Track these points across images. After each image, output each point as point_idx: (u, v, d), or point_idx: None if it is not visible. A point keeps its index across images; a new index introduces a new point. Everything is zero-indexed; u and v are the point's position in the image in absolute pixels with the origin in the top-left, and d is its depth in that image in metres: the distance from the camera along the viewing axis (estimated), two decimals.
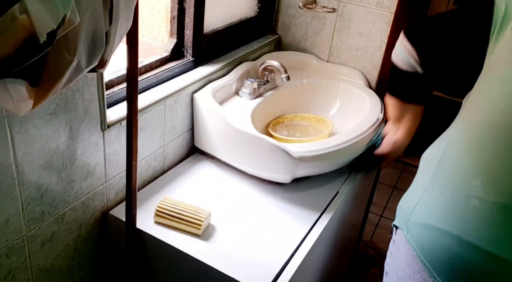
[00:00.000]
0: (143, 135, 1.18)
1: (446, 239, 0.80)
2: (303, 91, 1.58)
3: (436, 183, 0.85)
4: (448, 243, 0.80)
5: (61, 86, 0.66)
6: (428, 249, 0.84)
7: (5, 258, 0.93)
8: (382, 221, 2.50)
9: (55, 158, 0.95)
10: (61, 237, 1.05)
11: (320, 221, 1.17)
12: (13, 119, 0.82)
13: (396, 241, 0.96)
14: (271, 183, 1.29)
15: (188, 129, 1.36)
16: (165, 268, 1.12)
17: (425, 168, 0.92)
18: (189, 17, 1.29)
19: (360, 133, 1.27)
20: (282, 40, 1.75)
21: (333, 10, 1.60)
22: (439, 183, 0.84)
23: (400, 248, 0.93)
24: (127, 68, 0.90)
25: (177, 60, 1.32)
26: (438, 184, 0.84)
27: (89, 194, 1.08)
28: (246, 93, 1.43)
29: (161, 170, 1.31)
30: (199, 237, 1.08)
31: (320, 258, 1.29)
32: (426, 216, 0.85)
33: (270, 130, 1.42)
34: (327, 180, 1.32)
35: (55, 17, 0.55)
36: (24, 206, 0.92)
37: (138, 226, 1.09)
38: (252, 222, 1.16)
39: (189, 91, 1.30)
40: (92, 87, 0.97)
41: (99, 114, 1.02)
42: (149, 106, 1.15)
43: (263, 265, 1.02)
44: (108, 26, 0.69)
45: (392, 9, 1.51)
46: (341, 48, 1.65)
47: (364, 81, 1.60)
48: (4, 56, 0.55)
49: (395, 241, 0.97)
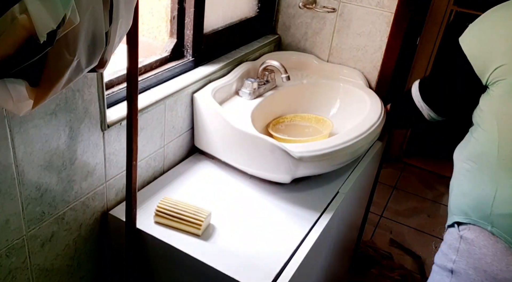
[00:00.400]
0: (143, 135, 1.18)
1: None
2: (303, 91, 1.58)
3: (508, 175, 0.93)
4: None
5: (61, 86, 0.66)
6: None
7: (5, 258, 0.93)
8: (382, 221, 2.50)
9: (55, 158, 0.95)
10: (61, 237, 1.05)
11: (320, 221, 1.17)
12: (13, 119, 0.82)
13: (467, 237, 0.98)
14: (271, 183, 1.29)
15: (188, 129, 1.36)
16: (165, 268, 1.12)
17: (482, 164, 0.98)
18: (189, 17, 1.29)
19: (360, 134, 1.27)
20: (282, 40, 1.75)
21: (333, 10, 1.60)
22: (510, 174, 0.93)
23: (479, 244, 0.96)
24: (127, 68, 0.90)
25: (177, 60, 1.32)
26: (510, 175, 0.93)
27: (89, 194, 1.08)
28: (246, 93, 1.43)
29: (161, 170, 1.31)
30: (199, 237, 1.08)
31: (320, 258, 1.29)
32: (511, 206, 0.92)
33: (270, 130, 1.42)
34: (327, 180, 1.32)
35: (55, 17, 0.55)
36: (24, 206, 0.92)
37: (138, 226, 1.09)
38: (252, 222, 1.16)
39: (189, 91, 1.30)
40: (92, 87, 0.97)
41: (99, 114, 1.02)
42: (149, 106, 1.15)
43: (263, 265, 1.02)
44: (108, 26, 0.69)
45: (392, 9, 1.51)
46: (341, 48, 1.65)
47: (364, 81, 1.60)
48: (4, 56, 0.55)
49: (465, 237, 0.99)
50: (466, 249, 0.99)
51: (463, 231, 1.00)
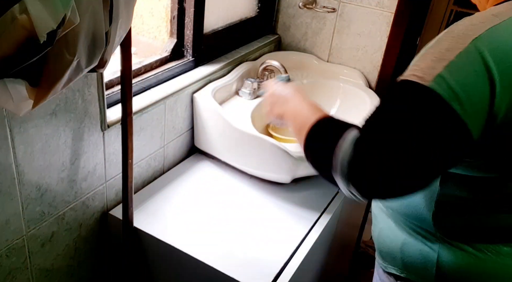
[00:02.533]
0: (143, 135, 1.18)
1: None
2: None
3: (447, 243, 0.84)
4: None
5: (61, 86, 0.66)
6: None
7: (5, 258, 0.93)
8: None
9: (55, 158, 0.95)
10: (61, 237, 1.05)
11: (320, 221, 1.17)
12: (13, 119, 0.82)
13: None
14: (271, 183, 1.29)
15: (188, 129, 1.36)
16: (165, 268, 1.12)
17: (423, 225, 0.86)
18: (189, 17, 1.29)
19: None
20: (282, 40, 1.75)
21: (333, 10, 1.60)
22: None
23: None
24: (121, 66, 0.90)
25: (177, 60, 1.32)
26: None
27: (89, 194, 1.08)
28: (246, 93, 1.43)
29: (161, 170, 1.31)
30: (199, 237, 1.08)
31: (320, 258, 1.29)
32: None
33: (270, 130, 1.42)
34: None
35: (55, 17, 0.55)
36: (24, 206, 0.92)
37: (138, 226, 1.09)
38: (252, 222, 1.16)
39: (189, 91, 1.30)
40: (92, 87, 0.97)
41: (99, 114, 1.02)
42: (149, 106, 1.15)
43: (263, 265, 1.02)
44: (108, 26, 0.69)
45: (392, 9, 1.51)
46: (341, 48, 1.65)
47: (364, 81, 1.60)
48: (4, 56, 0.55)
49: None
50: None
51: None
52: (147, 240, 1.09)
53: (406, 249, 0.87)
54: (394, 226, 0.89)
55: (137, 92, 1.16)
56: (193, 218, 1.14)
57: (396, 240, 0.89)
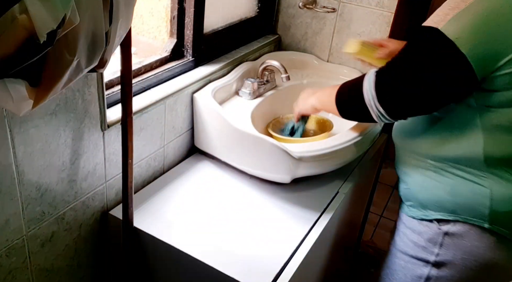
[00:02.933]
0: (143, 135, 1.18)
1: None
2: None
3: (499, 174, 0.94)
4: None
5: (61, 86, 0.66)
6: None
7: (5, 258, 0.93)
8: (382, 221, 2.50)
9: (55, 158, 0.95)
10: (61, 237, 1.05)
11: (320, 221, 1.17)
12: (13, 119, 0.82)
13: (454, 233, 1.00)
14: (271, 183, 1.29)
15: (188, 129, 1.36)
16: (165, 268, 1.12)
17: (472, 165, 0.96)
18: (189, 17, 1.29)
19: (360, 134, 1.27)
20: (282, 40, 1.75)
21: (333, 10, 1.60)
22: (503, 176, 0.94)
23: (471, 237, 0.98)
24: (121, 66, 0.90)
25: (177, 60, 1.32)
26: (504, 176, 0.94)
27: (89, 194, 1.08)
28: (246, 93, 1.43)
29: (161, 170, 1.31)
30: (199, 237, 1.08)
31: (320, 258, 1.29)
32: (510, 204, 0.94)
33: (270, 130, 1.42)
34: (327, 180, 1.32)
35: (55, 17, 0.55)
36: (24, 206, 0.92)
37: (138, 226, 1.09)
38: (252, 222, 1.16)
39: (189, 91, 1.30)
40: (92, 87, 0.97)
41: (99, 114, 1.02)
42: (149, 106, 1.15)
43: (263, 265, 1.02)
44: (108, 26, 0.69)
45: (392, 9, 1.51)
46: (341, 48, 1.65)
47: None
48: (4, 56, 0.55)
49: (451, 233, 1.00)
50: (453, 242, 1.00)
51: (445, 226, 1.01)
52: (147, 240, 1.09)
53: (456, 191, 0.98)
54: (436, 175, 1.01)
55: (137, 92, 1.16)
56: (193, 218, 1.14)
57: (442, 186, 1.00)
